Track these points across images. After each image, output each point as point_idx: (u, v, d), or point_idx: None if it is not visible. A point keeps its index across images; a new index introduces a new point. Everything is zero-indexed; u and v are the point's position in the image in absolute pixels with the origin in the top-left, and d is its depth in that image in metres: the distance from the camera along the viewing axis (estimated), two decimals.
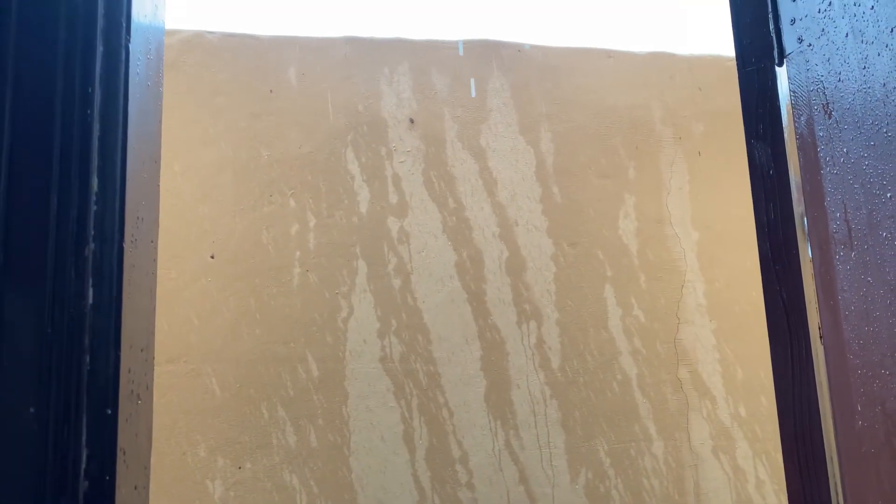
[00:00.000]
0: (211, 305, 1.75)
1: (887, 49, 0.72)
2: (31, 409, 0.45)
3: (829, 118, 0.79)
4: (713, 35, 2.16)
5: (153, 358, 0.60)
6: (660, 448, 1.86)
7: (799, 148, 0.84)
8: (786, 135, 0.87)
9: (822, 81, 0.81)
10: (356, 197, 1.87)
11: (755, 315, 1.98)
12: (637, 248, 1.97)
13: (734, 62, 2.27)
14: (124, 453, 0.49)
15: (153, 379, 0.59)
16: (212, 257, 1.78)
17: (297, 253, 1.81)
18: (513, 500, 1.77)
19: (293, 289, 1.79)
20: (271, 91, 1.89)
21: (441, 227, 1.89)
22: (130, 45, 0.53)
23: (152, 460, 0.73)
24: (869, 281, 0.73)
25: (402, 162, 1.91)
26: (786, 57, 0.88)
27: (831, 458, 0.80)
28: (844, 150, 0.77)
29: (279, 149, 1.86)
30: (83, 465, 0.46)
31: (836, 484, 0.79)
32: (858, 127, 0.75)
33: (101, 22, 0.51)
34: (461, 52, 2.00)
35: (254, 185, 1.83)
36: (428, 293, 1.85)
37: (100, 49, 0.51)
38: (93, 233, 0.48)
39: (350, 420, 1.75)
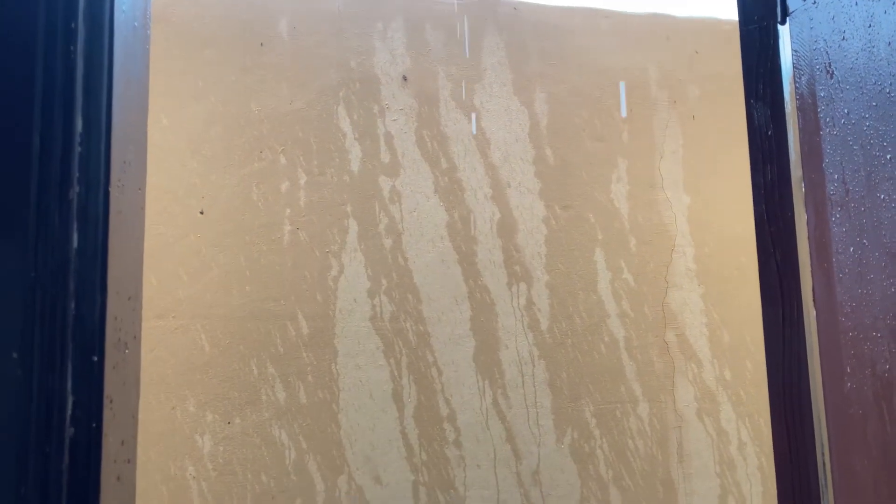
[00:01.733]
0: (200, 261, 1.74)
1: (894, 6, 0.70)
2: (14, 354, 0.44)
3: (831, 78, 0.78)
4: None
5: (141, 308, 0.59)
6: (645, 410, 1.88)
7: (799, 109, 0.83)
8: (786, 95, 0.86)
9: (825, 40, 0.80)
10: (347, 155, 1.84)
11: (743, 280, 1.99)
12: (628, 212, 1.96)
13: (732, 25, 2.24)
14: (111, 401, 0.48)
15: (141, 329, 0.58)
16: (201, 213, 1.76)
17: (288, 210, 1.80)
18: (499, 458, 1.79)
19: (283, 246, 1.78)
20: (262, 44, 1.85)
21: (433, 187, 1.87)
22: None
23: (141, 415, 0.73)
24: (864, 244, 0.73)
25: (394, 120, 1.88)
26: (789, 15, 0.86)
27: (819, 419, 0.81)
28: (845, 110, 0.76)
29: (270, 104, 1.83)
30: (69, 412, 0.45)
31: (822, 444, 0.80)
32: (860, 87, 0.74)
33: None
34: (455, 9, 1.96)
35: (244, 141, 1.80)
36: (419, 253, 1.84)
37: None
38: (77, 175, 0.47)
39: (339, 378, 1.75)
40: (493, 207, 1.90)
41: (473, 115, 1.92)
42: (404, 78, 1.90)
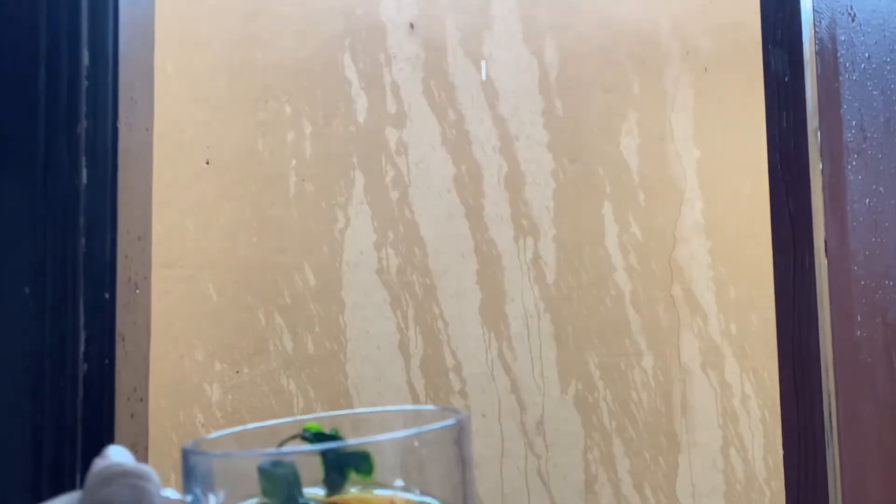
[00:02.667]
0: (207, 211, 1.73)
1: None
2: (26, 290, 0.44)
3: (853, 21, 0.76)
4: None
5: (150, 249, 0.59)
6: (649, 362, 1.89)
7: (818, 53, 0.81)
8: (805, 40, 0.84)
9: None
10: (353, 105, 1.82)
11: (752, 235, 1.98)
12: (637, 166, 1.94)
13: None
14: (123, 339, 0.48)
15: (151, 270, 0.58)
16: (207, 163, 1.75)
17: (294, 162, 1.78)
18: (504, 408, 1.81)
19: (290, 198, 1.77)
20: None
21: (440, 139, 1.86)
22: None
23: (150, 363, 0.73)
24: (880, 191, 0.72)
25: (401, 69, 1.85)
26: None
27: (826, 368, 0.81)
28: (866, 55, 0.74)
29: (274, 53, 1.80)
30: (82, 348, 0.45)
31: (829, 393, 0.80)
32: (882, 30, 0.72)
33: None
34: None
35: (249, 90, 1.78)
36: (426, 206, 1.83)
37: None
38: (84, 110, 0.46)
39: (346, 329, 1.76)
40: (501, 160, 1.88)
41: (482, 64, 1.89)
42: (411, 26, 1.86)
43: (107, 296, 0.46)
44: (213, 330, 1.71)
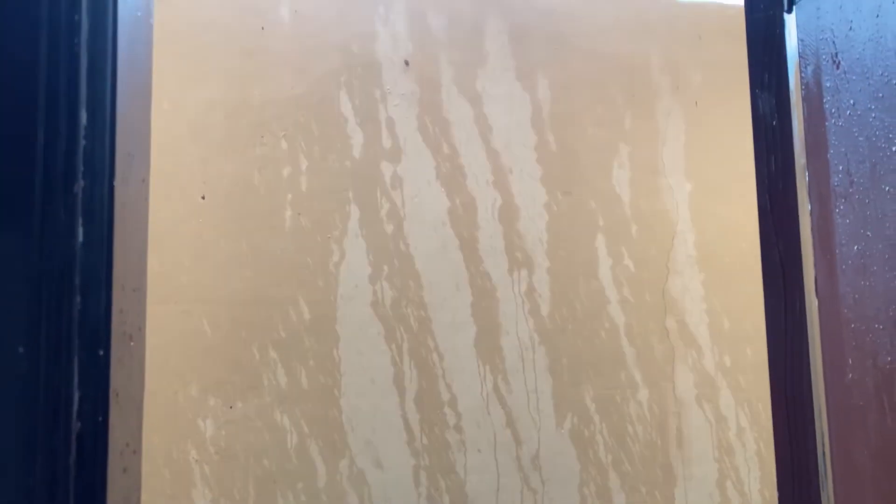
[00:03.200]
0: (202, 246, 1.74)
1: None
2: (21, 349, 0.44)
3: (837, 68, 0.77)
4: None
5: (145, 299, 0.59)
6: (644, 395, 1.89)
7: (804, 98, 0.83)
8: (791, 84, 0.86)
9: (832, 30, 0.79)
10: (349, 140, 1.84)
11: (744, 267, 1.99)
12: (630, 198, 1.96)
13: (736, 10, 2.22)
14: (117, 395, 0.49)
15: (146, 320, 0.58)
16: (203, 198, 1.75)
17: (289, 196, 1.79)
18: (499, 443, 1.81)
19: (285, 232, 1.78)
20: (263, 28, 1.83)
21: (435, 173, 1.87)
22: None
23: (144, 399, 0.73)
24: (868, 235, 0.73)
25: (396, 105, 1.87)
26: (795, 3, 0.85)
27: (819, 409, 0.81)
28: (851, 101, 0.76)
29: (271, 89, 1.82)
30: (75, 407, 0.45)
31: (822, 434, 0.81)
32: (867, 78, 0.74)
33: None
34: None
35: (245, 126, 1.80)
36: (420, 239, 1.84)
37: None
38: (82, 169, 0.47)
39: (341, 363, 1.76)
40: (495, 193, 1.89)
41: (476, 101, 1.91)
42: (406, 63, 1.89)
43: (101, 353, 0.47)
44: (208, 365, 1.71)
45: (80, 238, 0.46)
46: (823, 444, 0.83)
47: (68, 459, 0.43)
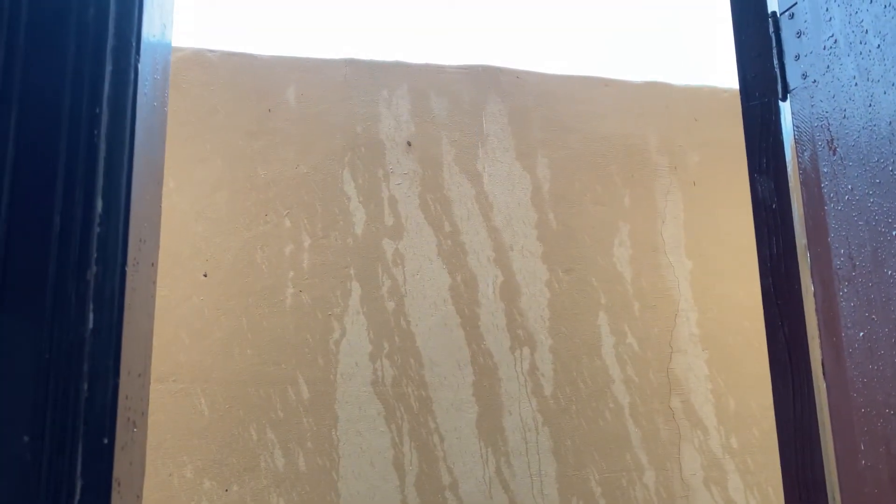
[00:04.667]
0: (202, 324, 1.73)
1: (894, 88, 0.72)
2: (26, 438, 0.43)
3: (834, 154, 0.79)
4: (711, 66, 2.18)
5: (149, 384, 0.59)
6: (651, 478, 1.84)
7: (802, 183, 0.84)
8: (789, 170, 0.88)
9: (826, 118, 0.81)
10: (352, 218, 1.86)
11: (748, 345, 1.98)
12: (631, 276, 1.96)
13: (730, 94, 2.28)
14: (119, 484, 0.47)
15: (148, 405, 0.57)
16: (204, 276, 1.76)
17: (291, 273, 1.80)
18: None
19: (286, 309, 1.77)
20: (269, 110, 1.88)
21: (436, 250, 1.88)
22: (139, 65, 0.52)
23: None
24: (873, 319, 0.73)
25: (398, 184, 1.90)
26: (790, 92, 0.88)
27: (833, 498, 0.79)
28: (849, 186, 0.77)
29: (276, 168, 1.85)
30: (77, 497, 0.44)
31: None
32: (864, 164, 0.76)
33: (111, 41, 0.50)
34: (459, 77, 2.00)
35: (249, 204, 1.82)
36: (421, 316, 1.83)
37: (109, 68, 0.50)
38: (95, 256, 0.47)
39: (339, 444, 1.72)
40: (496, 270, 1.90)
41: (476, 180, 1.94)
42: (408, 143, 1.93)
43: (105, 441, 0.46)
44: (204, 446, 1.67)
45: (91, 325, 0.46)
46: None
47: None
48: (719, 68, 2.17)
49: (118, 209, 0.49)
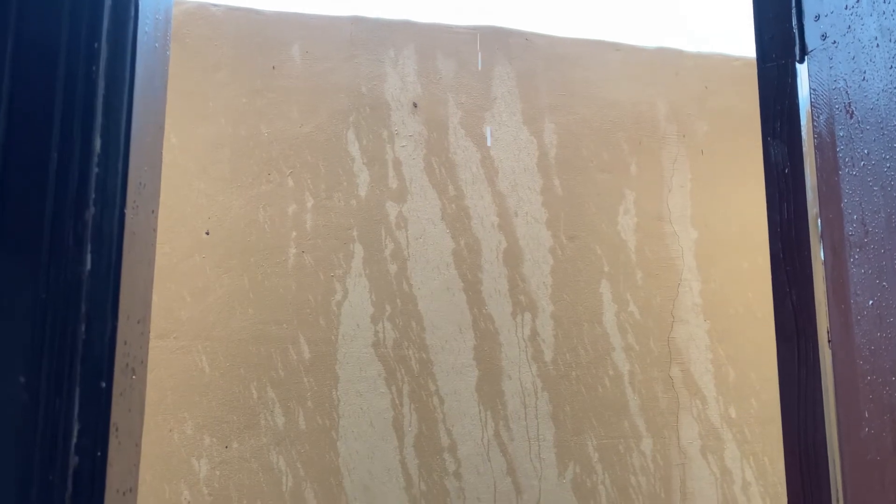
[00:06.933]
0: (204, 282, 1.73)
1: None
2: (22, 378, 0.43)
3: (851, 118, 0.77)
4: (722, 33, 2.14)
5: (149, 332, 0.58)
6: (648, 445, 1.85)
7: (816, 147, 0.82)
8: (803, 133, 0.86)
9: (845, 80, 0.79)
10: (355, 179, 1.84)
11: (750, 317, 1.97)
12: (635, 245, 1.95)
13: (743, 62, 2.24)
14: (117, 429, 0.47)
15: (148, 353, 0.57)
16: (207, 234, 1.75)
17: (294, 233, 1.79)
18: (499, 492, 1.76)
19: (288, 269, 1.77)
20: (273, 68, 1.86)
21: (440, 214, 1.87)
22: (140, 1, 0.50)
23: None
24: (884, 286, 0.72)
25: (403, 146, 1.88)
26: (807, 54, 0.86)
27: (834, 464, 0.79)
28: (865, 151, 0.76)
29: (279, 127, 1.83)
30: (74, 440, 0.43)
31: (837, 490, 0.78)
32: (882, 128, 0.74)
33: None
34: (467, 38, 1.97)
35: (252, 163, 1.80)
36: (424, 280, 1.83)
37: (108, 2, 0.48)
38: (93, 196, 0.46)
39: (339, 404, 1.73)
40: (500, 236, 1.89)
41: (482, 144, 1.92)
42: (414, 105, 1.90)
43: (103, 385, 0.45)
44: (204, 403, 1.68)
45: (88, 266, 0.45)
46: (838, 500, 0.80)
47: (64, 496, 0.41)
48: (733, 35, 2.13)
49: (117, 149, 0.48)
